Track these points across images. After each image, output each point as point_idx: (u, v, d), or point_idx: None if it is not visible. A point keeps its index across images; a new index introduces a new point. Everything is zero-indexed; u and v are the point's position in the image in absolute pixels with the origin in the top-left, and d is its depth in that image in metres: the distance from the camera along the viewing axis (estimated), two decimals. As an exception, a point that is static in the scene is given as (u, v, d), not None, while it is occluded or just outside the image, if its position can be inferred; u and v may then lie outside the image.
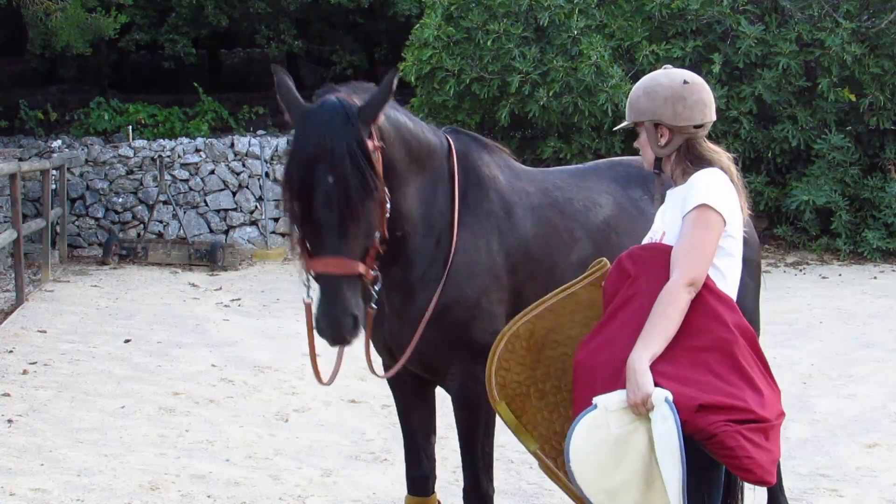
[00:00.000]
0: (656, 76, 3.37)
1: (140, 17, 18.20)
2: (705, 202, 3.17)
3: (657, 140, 3.32)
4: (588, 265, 4.01)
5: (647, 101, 3.30)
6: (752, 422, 3.01)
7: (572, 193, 4.11)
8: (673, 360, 3.04)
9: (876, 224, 13.94)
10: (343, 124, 3.23)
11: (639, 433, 3.00)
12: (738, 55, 13.83)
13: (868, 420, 6.83)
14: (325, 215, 3.20)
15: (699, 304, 3.10)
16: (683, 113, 3.27)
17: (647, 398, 2.96)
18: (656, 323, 3.04)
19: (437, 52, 13.90)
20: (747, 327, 3.18)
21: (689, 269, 3.08)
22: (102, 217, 14.81)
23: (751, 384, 3.08)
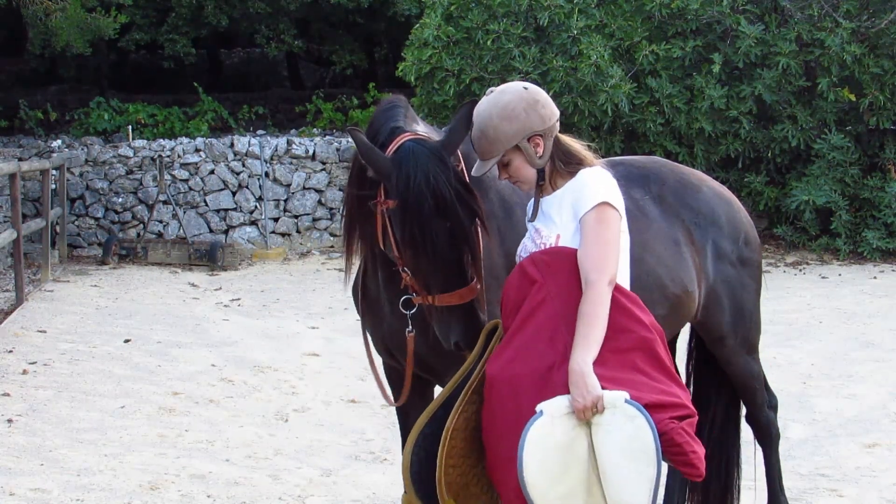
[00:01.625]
0: (497, 99, 3.31)
1: (140, 17, 18.19)
2: (604, 199, 3.19)
3: (535, 154, 3.31)
4: None
5: (509, 124, 3.27)
6: (688, 417, 3.05)
7: None
8: (605, 363, 3.02)
9: (876, 224, 13.94)
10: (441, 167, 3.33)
11: (580, 441, 2.97)
12: (738, 55, 13.83)
13: (868, 420, 6.83)
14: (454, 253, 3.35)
15: (614, 304, 3.11)
16: (545, 113, 3.30)
17: (597, 400, 2.93)
18: (590, 325, 3.03)
19: (436, 52, 13.90)
20: (657, 324, 3.20)
21: (605, 268, 3.10)
22: (102, 217, 14.81)
23: (675, 380, 3.10)
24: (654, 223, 4.20)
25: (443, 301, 3.37)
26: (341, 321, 9.63)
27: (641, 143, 14.13)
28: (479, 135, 3.30)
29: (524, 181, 3.36)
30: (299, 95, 20.67)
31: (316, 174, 15.19)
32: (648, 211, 4.21)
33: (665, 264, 4.14)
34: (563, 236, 3.22)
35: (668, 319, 4.20)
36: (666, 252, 4.16)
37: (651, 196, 4.25)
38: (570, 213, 3.21)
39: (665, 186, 4.31)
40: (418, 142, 3.39)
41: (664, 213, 4.24)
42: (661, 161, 4.57)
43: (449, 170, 3.36)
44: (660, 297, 4.12)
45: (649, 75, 13.96)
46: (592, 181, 3.24)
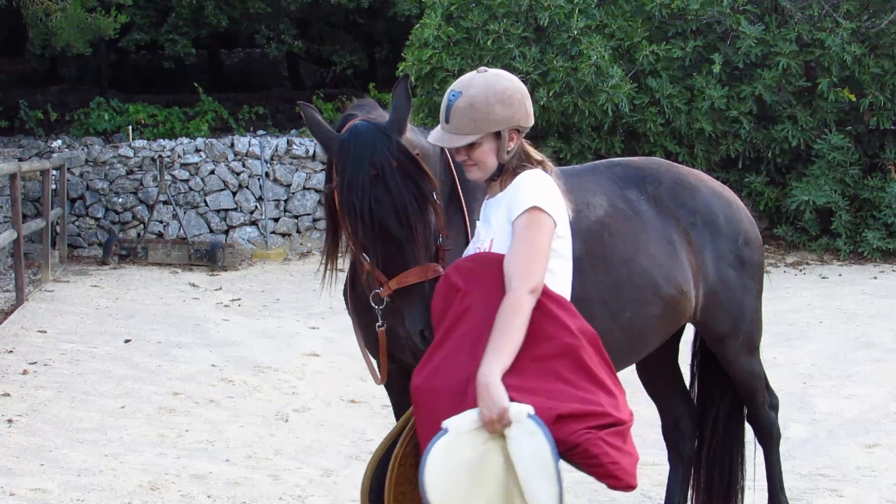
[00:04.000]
0: (495, 81, 3.21)
1: (140, 17, 18.20)
2: (535, 204, 3.06)
3: (506, 147, 3.19)
4: (580, 263, 4.01)
5: (503, 108, 3.17)
6: (611, 426, 2.91)
7: (566, 193, 4.10)
8: (521, 372, 2.91)
9: (876, 224, 13.94)
10: (384, 141, 3.33)
11: (493, 454, 2.85)
12: (738, 55, 13.83)
13: (868, 420, 6.83)
14: (400, 230, 3.29)
15: (539, 310, 2.99)
16: (531, 111, 3.26)
17: (503, 413, 2.81)
18: (502, 334, 2.90)
19: (437, 52, 13.91)
20: (588, 329, 3.07)
21: (529, 276, 2.96)
22: (102, 217, 14.81)
23: (603, 387, 2.97)
24: (649, 224, 4.19)
25: (399, 282, 3.30)
26: (341, 321, 9.63)
27: (642, 143, 14.13)
28: (467, 107, 3.15)
29: (483, 169, 3.21)
30: (299, 95, 20.67)
31: (316, 174, 15.19)
32: (643, 211, 4.20)
33: (659, 264, 4.14)
34: (496, 241, 3.10)
35: (663, 319, 4.20)
36: (660, 252, 4.16)
37: (647, 196, 4.25)
38: (504, 216, 3.09)
39: (661, 187, 4.30)
40: (366, 120, 3.41)
41: (660, 214, 4.23)
42: (659, 161, 4.56)
43: (392, 143, 3.32)
44: (653, 296, 4.12)
45: (649, 75, 13.96)
46: (527, 184, 3.12)
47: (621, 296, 4.05)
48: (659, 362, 4.62)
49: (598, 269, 4.02)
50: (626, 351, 4.17)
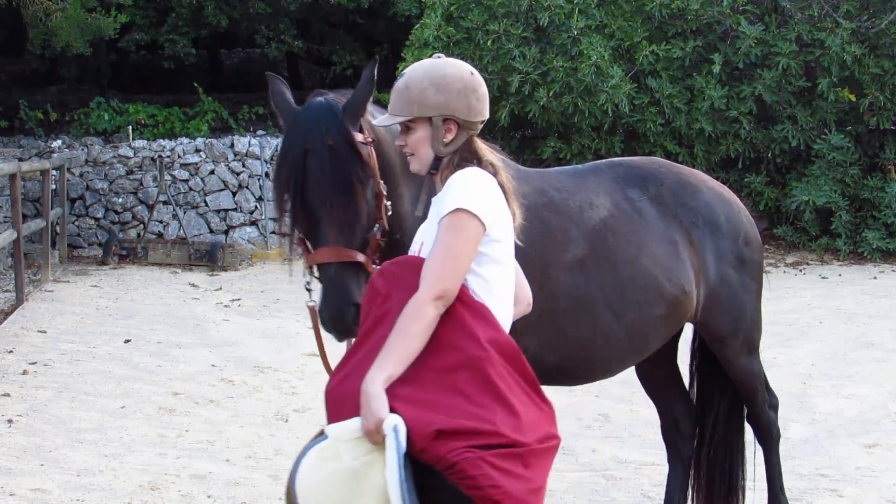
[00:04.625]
0: (438, 66, 3.05)
1: (140, 17, 18.19)
2: (460, 206, 2.85)
3: (442, 138, 3.00)
4: (583, 264, 4.01)
5: (436, 93, 2.97)
6: (502, 446, 2.70)
7: (569, 194, 4.11)
8: (417, 382, 2.75)
9: (876, 224, 13.95)
10: (329, 119, 3.33)
11: (376, 466, 2.69)
12: (738, 55, 13.84)
13: (868, 420, 6.83)
14: (318, 207, 3.28)
15: (451, 318, 2.81)
16: (476, 106, 3.04)
17: (379, 424, 2.66)
18: (395, 341, 2.75)
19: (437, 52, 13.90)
20: (506, 342, 2.86)
21: (436, 281, 2.78)
22: (102, 217, 14.81)
23: (505, 405, 2.76)
24: (651, 224, 4.19)
25: (310, 259, 3.29)
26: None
27: (641, 143, 14.13)
28: (403, 88, 3.01)
29: (419, 160, 3.05)
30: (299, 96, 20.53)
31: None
32: (645, 212, 4.21)
33: (661, 265, 4.14)
34: (427, 243, 2.94)
35: (666, 320, 4.20)
36: (662, 252, 4.16)
37: (648, 197, 4.25)
38: (435, 217, 2.93)
39: (663, 187, 4.30)
40: (325, 98, 3.42)
41: (661, 214, 4.23)
42: (661, 161, 4.57)
43: (336, 122, 3.31)
44: (656, 297, 4.12)
45: (649, 75, 13.96)
46: (457, 184, 2.90)
47: (625, 296, 4.06)
48: (658, 362, 4.63)
49: (602, 270, 4.02)
50: (628, 352, 4.17)
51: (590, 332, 4.01)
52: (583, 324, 3.99)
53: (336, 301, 3.26)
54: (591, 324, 4.00)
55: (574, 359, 4.06)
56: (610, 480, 5.68)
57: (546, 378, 4.24)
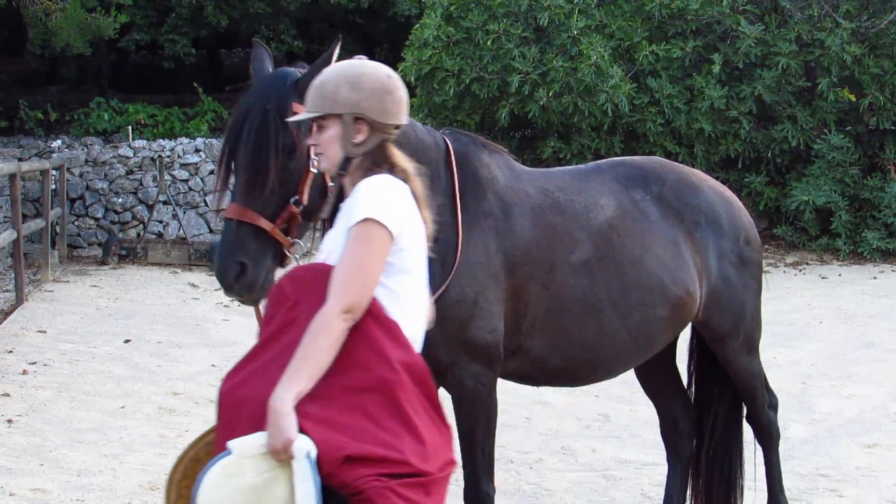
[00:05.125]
0: (356, 65, 3.00)
1: (140, 17, 18.20)
2: (368, 216, 2.76)
3: (351, 138, 2.91)
4: (589, 266, 4.01)
5: (349, 90, 2.90)
6: (408, 476, 2.67)
7: (574, 194, 4.10)
8: (326, 401, 2.68)
9: (876, 224, 13.95)
10: (277, 87, 3.41)
11: (279, 482, 2.64)
12: (737, 55, 13.84)
13: (868, 420, 6.83)
14: (237, 166, 3.39)
15: (361, 334, 2.73)
16: (390, 109, 2.93)
17: (287, 445, 2.60)
18: (304, 356, 2.66)
19: (436, 53, 13.91)
20: (416, 363, 2.79)
21: (345, 294, 2.70)
22: (102, 217, 14.81)
23: (412, 432, 2.71)
24: (655, 224, 4.19)
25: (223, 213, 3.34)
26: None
27: (641, 143, 14.13)
28: (318, 84, 2.98)
29: (328, 159, 2.98)
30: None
31: (316, 175, 15.19)
32: (649, 212, 4.20)
33: (666, 265, 4.14)
34: (333, 252, 2.85)
35: (670, 321, 4.20)
36: (666, 253, 4.16)
37: (652, 196, 4.25)
38: (344, 224, 2.85)
39: (666, 186, 4.30)
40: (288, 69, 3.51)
41: (664, 214, 4.23)
42: (662, 161, 4.56)
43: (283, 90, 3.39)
44: (661, 298, 4.12)
45: (649, 75, 13.96)
46: (368, 191, 2.82)
47: (630, 298, 4.05)
48: (657, 362, 4.62)
49: (608, 271, 4.02)
50: (632, 353, 4.17)
51: (595, 333, 4.01)
52: (588, 325, 3.99)
53: (223, 256, 3.28)
54: (597, 325, 4.00)
55: (579, 360, 4.06)
56: (610, 480, 5.68)
57: (550, 379, 4.26)
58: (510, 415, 6.68)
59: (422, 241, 2.92)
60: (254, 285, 3.32)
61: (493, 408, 3.89)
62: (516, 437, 6.39)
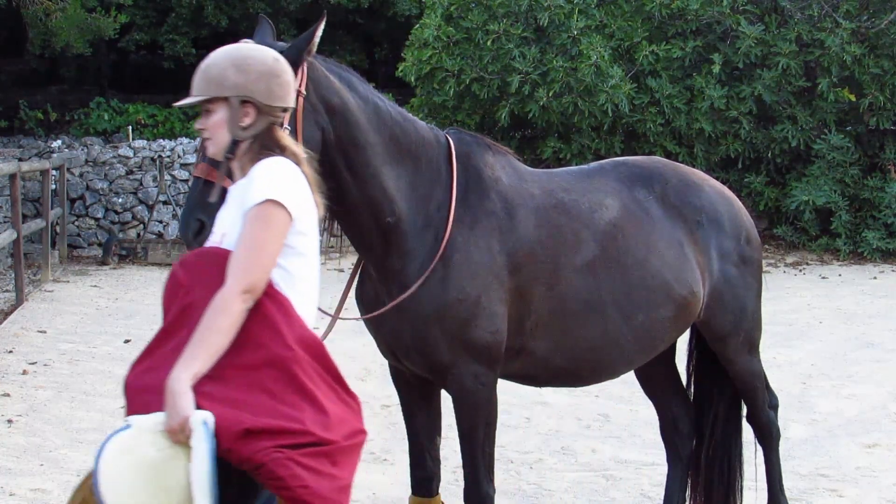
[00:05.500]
0: (242, 48, 3.01)
1: (140, 17, 18.20)
2: (268, 197, 2.78)
3: (238, 121, 2.91)
4: (593, 266, 4.01)
5: (236, 73, 2.90)
6: (310, 445, 2.67)
7: (578, 195, 4.10)
8: (224, 379, 2.69)
9: (876, 224, 13.95)
10: None
11: (178, 461, 2.61)
12: (737, 55, 13.84)
13: (868, 420, 6.83)
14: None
15: (257, 313, 2.75)
16: (277, 92, 2.93)
17: (184, 423, 2.59)
18: (202, 337, 2.68)
19: (436, 53, 13.91)
20: (311, 338, 2.81)
21: (244, 275, 2.72)
22: (102, 217, 14.81)
23: (313, 403, 2.72)
24: (658, 224, 4.19)
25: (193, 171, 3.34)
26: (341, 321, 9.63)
27: (641, 143, 14.14)
28: (204, 68, 2.98)
29: (215, 143, 2.97)
30: (300, 96, 20.60)
31: (316, 174, 15.19)
32: (652, 212, 4.20)
33: (670, 266, 4.14)
34: (228, 235, 2.86)
35: (674, 321, 4.20)
36: (670, 253, 4.16)
37: (654, 196, 4.25)
38: (238, 207, 2.85)
39: (668, 186, 4.30)
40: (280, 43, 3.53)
41: (667, 214, 4.23)
42: (663, 161, 4.56)
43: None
44: (665, 298, 4.12)
45: (649, 75, 13.97)
46: (263, 174, 2.83)
47: (634, 298, 4.05)
48: (657, 362, 4.62)
49: (612, 272, 4.02)
50: (636, 354, 4.17)
51: (599, 334, 4.01)
52: (592, 326, 3.99)
53: (184, 213, 3.31)
54: (601, 326, 4.00)
55: (582, 361, 4.06)
56: (610, 480, 5.68)
57: (553, 379, 4.26)
58: (510, 415, 6.68)
59: (315, 225, 2.94)
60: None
61: (493, 408, 3.89)
62: (516, 437, 6.39)
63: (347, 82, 3.66)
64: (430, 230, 3.75)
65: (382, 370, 4.59)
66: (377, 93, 3.78)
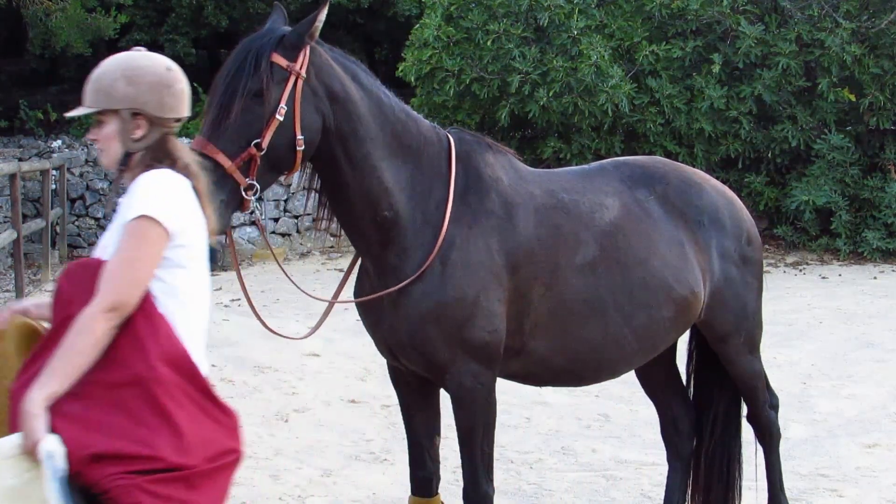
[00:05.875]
0: (134, 58, 2.91)
1: (140, 17, 18.20)
2: (143, 212, 2.72)
3: (131, 133, 2.86)
4: (594, 266, 4.01)
5: (126, 85, 2.84)
6: (161, 471, 2.62)
7: (578, 195, 4.10)
8: (85, 397, 2.64)
9: (876, 224, 13.95)
10: (261, 38, 3.52)
11: (38, 484, 2.56)
12: (738, 55, 13.85)
13: (868, 420, 6.83)
14: (209, 101, 3.50)
15: (127, 330, 2.70)
16: (169, 103, 2.89)
17: (34, 446, 2.55)
18: (62, 356, 2.62)
19: (437, 52, 13.91)
20: (180, 356, 2.74)
21: (111, 293, 2.66)
22: (102, 217, 14.81)
23: (170, 426, 2.67)
24: (659, 224, 4.19)
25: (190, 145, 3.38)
26: (341, 321, 9.63)
27: (641, 143, 14.14)
28: (95, 78, 2.91)
29: (108, 155, 2.92)
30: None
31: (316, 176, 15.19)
32: (653, 212, 4.20)
33: (670, 266, 4.14)
34: (110, 247, 2.79)
35: (675, 321, 4.20)
36: (671, 254, 4.16)
37: (655, 196, 4.25)
38: (121, 220, 2.79)
39: (669, 186, 4.30)
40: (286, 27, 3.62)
41: (668, 214, 4.23)
42: (664, 161, 4.56)
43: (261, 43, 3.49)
44: (666, 299, 4.12)
45: (649, 75, 13.97)
46: (143, 187, 2.77)
47: (634, 299, 4.05)
48: (657, 362, 4.62)
49: (613, 272, 4.02)
50: (636, 354, 4.17)
51: (599, 334, 4.01)
52: (592, 326, 3.99)
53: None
54: (601, 326, 4.00)
55: (583, 361, 4.07)
56: (610, 480, 5.68)
57: (554, 379, 4.26)
58: (510, 415, 6.68)
59: (203, 237, 2.89)
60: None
61: (492, 407, 3.89)
62: (516, 437, 6.39)
63: (352, 73, 3.67)
64: (429, 228, 3.75)
65: (382, 370, 4.60)
66: (382, 87, 3.79)
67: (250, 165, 3.43)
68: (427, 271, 3.72)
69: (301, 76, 3.49)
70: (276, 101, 3.43)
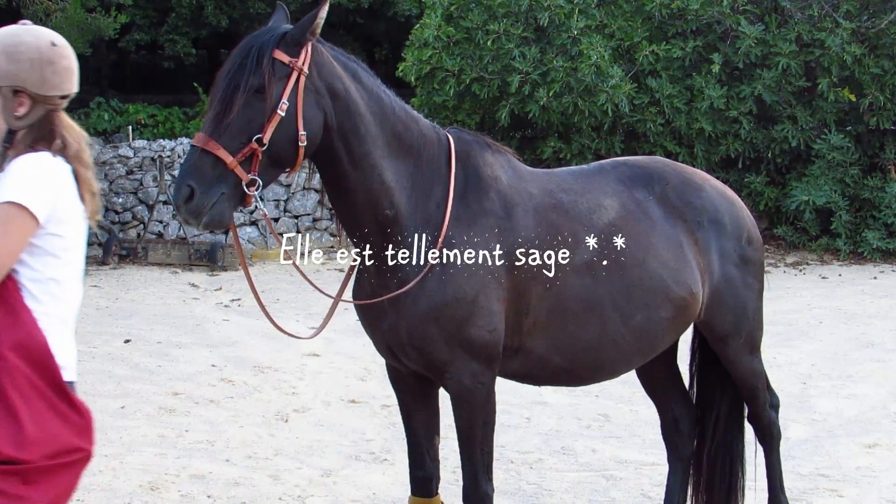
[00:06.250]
0: (16, 33, 2.84)
1: (140, 17, 18.21)
2: (10, 199, 2.67)
3: (13, 110, 2.81)
4: (592, 267, 4.02)
5: (7, 62, 2.78)
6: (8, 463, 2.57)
7: (577, 195, 4.11)
8: None
9: (876, 224, 13.94)
10: (263, 35, 3.55)
11: None
12: (738, 55, 13.84)
13: (868, 420, 6.83)
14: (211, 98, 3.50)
15: None
16: (52, 80, 2.82)
17: None
18: None
19: (437, 52, 13.91)
20: (35, 346, 2.68)
21: None
22: (102, 217, 14.77)
23: (12, 418, 2.60)
24: (658, 224, 4.19)
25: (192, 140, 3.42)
26: (341, 321, 9.62)
27: (641, 143, 14.14)
28: None
29: None
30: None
31: (316, 174, 15.17)
32: (652, 212, 4.20)
33: (669, 266, 4.14)
34: None
35: (673, 322, 4.20)
36: (669, 254, 4.16)
37: (654, 196, 4.25)
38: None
39: (668, 186, 4.30)
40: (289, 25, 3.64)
41: (667, 214, 4.23)
42: (664, 161, 4.56)
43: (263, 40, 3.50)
44: (663, 299, 4.12)
45: (649, 75, 13.96)
46: (14, 172, 2.72)
47: (633, 299, 4.06)
48: (658, 362, 4.63)
49: (612, 272, 4.02)
50: (634, 354, 4.17)
51: (597, 334, 4.01)
52: (590, 326, 4.00)
53: (178, 178, 3.41)
54: (599, 326, 4.01)
55: (581, 361, 4.07)
56: (610, 480, 5.68)
57: (552, 379, 4.26)
58: (510, 415, 6.68)
59: (79, 224, 2.84)
60: (200, 212, 3.39)
61: (491, 407, 3.89)
62: (516, 437, 6.39)
63: (352, 72, 3.69)
64: (429, 227, 3.75)
65: (382, 370, 4.60)
66: (383, 86, 3.80)
67: (252, 161, 3.44)
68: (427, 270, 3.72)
69: (303, 72, 3.50)
70: (277, 96, 3.45)
